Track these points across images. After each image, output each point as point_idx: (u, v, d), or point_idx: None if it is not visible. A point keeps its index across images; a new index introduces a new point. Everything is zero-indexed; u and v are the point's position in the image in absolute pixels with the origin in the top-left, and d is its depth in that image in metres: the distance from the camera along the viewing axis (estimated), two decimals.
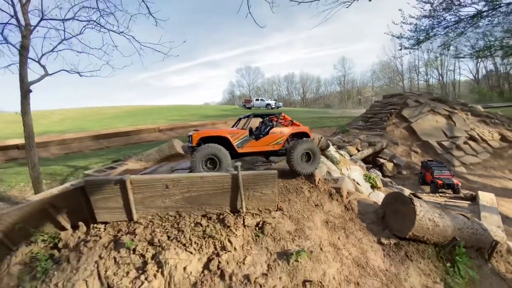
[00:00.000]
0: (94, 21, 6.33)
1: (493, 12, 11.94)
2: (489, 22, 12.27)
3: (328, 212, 3.22)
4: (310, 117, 27.19)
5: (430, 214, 3.15)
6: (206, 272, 2.36)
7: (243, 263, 2.41)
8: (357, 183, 6.56)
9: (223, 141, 3.81)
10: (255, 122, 4.94)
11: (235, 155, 3.93)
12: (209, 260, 2.41)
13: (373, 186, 7.33)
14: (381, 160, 11.73)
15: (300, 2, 7.57)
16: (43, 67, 5.88)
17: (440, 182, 8.09)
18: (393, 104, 14.02)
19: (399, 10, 12.87)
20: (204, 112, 36.44)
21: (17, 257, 3.05)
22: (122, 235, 2.65)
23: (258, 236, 2.64)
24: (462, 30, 12.87)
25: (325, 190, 3.43)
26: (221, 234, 2.56)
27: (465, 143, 11.54)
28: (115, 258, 2.49)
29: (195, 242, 2.49)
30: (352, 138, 12.42)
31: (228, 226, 2.61)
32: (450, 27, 13.02)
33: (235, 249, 2.49)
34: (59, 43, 6.18)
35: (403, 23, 13.12)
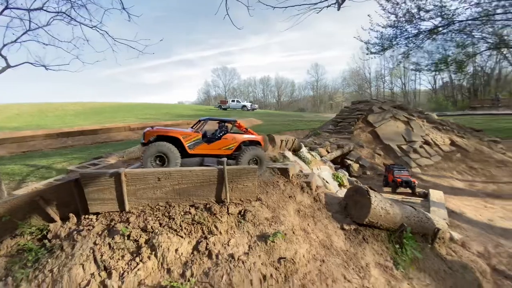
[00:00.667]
0: (64, 13, 6.10)
1: (448, 28, 13.51)
2: (444, 38, 13.87)
3: (299, 202, 3.71)
4: (286, 120, 28.08)
5: (382, 203, 3.78)
6: (195, 252, 2.70)
7: (228, 245, 2.80)
8: (326, 181, 7.22)
9: (176, 141, 4.07)
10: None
11: (186, 155, 4.19)
12: (198, 242, 2.76)
13: (340, 185, 8.06)
14: (348, 161, 12.69)
15: (274, 7, 8.11)
16: (5, 58, 5.60)
17: (399, 180, 9.02)
18: (360, 110, 15.18)
19: (368, 15, 14.08)
20: (178, 111, 35.77)
21: (2, 250, 3.14)
22: (116, 223, 2.90)
23: (240, 222, 3.04)
24: (421, 42, 14.39)
25: (298, 184, 3.92)
26: (208, 221, 2.92)
27: (420, 147, 12.88)
28: (109, 244, 2.73)
29: (185, 228, 2.82)
30: (323, 141, 13.28)
31: (214, 214, 2.98)
32: (410, 38, 14.50)
33: (220, 233, 2.86)
34: (24, 33, 5.81)
35: (370, 29, 14.38)
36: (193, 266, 2.59)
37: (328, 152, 12.00)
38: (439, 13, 13.08)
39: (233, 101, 39.43)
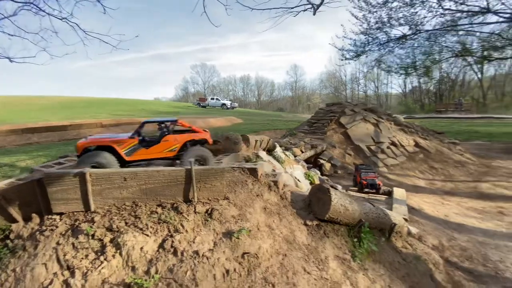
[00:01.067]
0: (32, 3, 5.83)
1: (415, 36, 14.47)
2: (411, 45, 14.86)
3: (266, 200, 3.91)
4: (265, 120, 28.41)
5: (342, 201, 4.08)
6: (161, 250, 2.80)
7: (193, 242, 2.92)
8: (298, 180, 7.52)
9: (113, 149, 3.98)
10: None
11: (125, 162, 4.08)
12: (164, 240, 2.86)
13: (312, 183, 8.42)
14: (321, 161, 13.21)
15: (252, 9, 8.28)
16: None
17: (364, 182, 9.52)
18: (333, 112, 15.80)
19: (341, 25, 14.75)
20: (154, 108, 34.84)
21: None
22: (80, 223, 2.91)
23: (207, 220, 3.17)
24: (391, 49, 15.29)
25: (265, 183, 4.12)
26: (174, 220, 3.02)
27: (388, 147, 13.68)
28: (73, 244, 2.75)
29: (151, 227, 2.90)
30: (298, 141, 13.69)
31: (181, 213, 3.08)
32: (381, 45, 15.36)
33: (186, 231, 2.98)
34: None
35: (344, 37, 15.04)
36: (158, 263, 2.68)
37: (302, 152, 12.41)
38: (407, 22, 13.96)
39: (212, 98, 39.10)
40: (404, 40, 14.82)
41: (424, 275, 5.04)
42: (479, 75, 36.00)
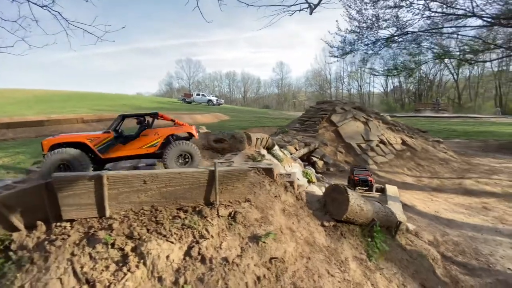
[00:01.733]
0: None
1: (402, 38, 14.87)
2: (398, 46, 15.27)
3: (284, 202, 3.81)
4: (252, 117, 28.27)
5: (358, 201, 4.07)
6: (187, 258, 2.61)
7: (220, 248, 2.76)
8: (298, 178, 7.48)
9: (85, 146, 3.61)
10: None
11: (100, 161, 3.72)
12: (190, 247, 2.67)
13: (309, 181, 8.42)
14: (314, 159, 13.32)
15: (248, 5, 8.06)
16: None
17: (356, 178, 9.63)
18: (324, 110, 15.96)
19: (336, 21, 14.86)
20: (137, 103, 33.66)
21: None
22: (96, 231, 2.65)
23: (231, 224, 3.01)
24: (378, 49, 15.64)
25: (281, 184, 4.01)
26: (198, 224, 2.83)
27: (377, 145, 14.03)
28: (90, 254, 2.49)
29: (175, 233, 2.70)
30: (291, 138, 13.69)
31: (205, 217, 2.90)
32: (369, 45, 15.68)
33: (212, 236, 2.81)
34: None
35: (336, 33, 15.20)
36: (186, 273, 2.50)
37: (297, 150, 12.44)
38: (395, 23, 14.31)
39: (198, 94, 38.32)
40: (390, 41, 15.20)
41: (429, 271, 5.17)
42: (455, 77, 37.98)
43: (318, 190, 5.50)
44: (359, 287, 3.41)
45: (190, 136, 4.25)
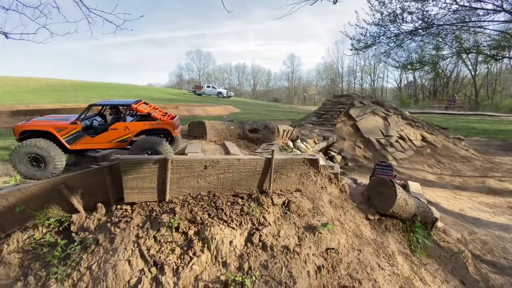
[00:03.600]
0: None
1: (426, 31, 14.41)
2: (422, 40, 14.79)
3: (330, 193, 3.75)
4: (263, 110, 28.11)
5: (404, 195, 3.99)
6: (249, 245, 2.60)
7: (279, 236, 2.73)
8: None
9: (52, 135, 3.44)
10: None
11: (69, 151, 3.56)
12: (250, 234, 2.65)
13: None
14: (332, 153, 13.18)
15: None
16: None
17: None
18: (342, 104, 15.71)
19: (355, 12, 14.45)
20: (149, 94, 33.80)
21: (12, 245, 2.73)
22: (157, 214, 2.65)
23: (286, 213, 2.97)
24: (401, 42, 15.20)
25: (326, 175, 3.95)
26: (256, 211, 2.81)
27: (396, 141, 13.79)
28: (155, 237, 2.50)
29: (235, 219, 2.69)
30: (308, 132, 13.55)
31: (262, 204, 2.87)
32: (391, 38, 15.24)
33: (269, 224, 2.78)
34: None
35: (357, 25, 14.80)
36: (250, 259, 2.48)
37: (316, 143, 12.33)
38: (420, 16, 13.85)
39: (208, 86, 38.23)
40: (414, 34, 14.74)
41: (463, 268, 5.09)
42: (473, 73, 36.87)
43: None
44: (408, 281, 3.36)
45: (165, 132, 3.80)
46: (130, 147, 3.63)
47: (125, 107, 3.81)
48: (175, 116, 4.08)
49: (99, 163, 3.23)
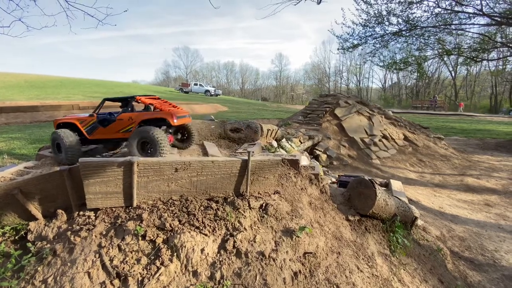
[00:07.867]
0: None
1: (410, 33, 14.70)
2: (406, 41, 15.10)
3: (310, 195, 3.67)
4: (251, 108, 27.94)
5: (384, 195, 3.96)
6: (222, 252, 2.46)
7: (254, 241, 2.61)
8: None
9: (76, 127, 3.98)
10: None
11: (88, 141, 4.06)
12: (224, 240, 2.51)
13: None
14: (317, 152, 13.22)
15: None
16: None
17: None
18: (327, 103, 15.80)
19: (341, 9, 14.54)
20: (133, 91, 32.85)
21: None
22: (123, 221, 2.46)
23: (263, 217, 2.85)
24: (386, 43, 15.45)
25: (306, 176, 3.86)
26: (231, 216, 2.67)
27: (380, 140, 14.01)
28: (119, 246, 2.31)
29: (208, 225, 2.54)
30: (294, 131, 13.54)
31: (238, 208, 2.74)
32: (376, 39, 15.46)
33: (245, 229, 2.65)
34: None
35: (343, 24, 14.91)
36: (223, 267, 2.35)
37: (301, 143, 12.32)
38: (405, 18, 14.11)
39: (195, 84, 37.63)
40: (399, 35, 15.02)
41: (441, 266, 5.17)
42: (453, 74, 38.16)
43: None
44: (387, 283, 3.33)
45: (164, 121, 3.85)
46: None
47: (131, 99, 4.17)
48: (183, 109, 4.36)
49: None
